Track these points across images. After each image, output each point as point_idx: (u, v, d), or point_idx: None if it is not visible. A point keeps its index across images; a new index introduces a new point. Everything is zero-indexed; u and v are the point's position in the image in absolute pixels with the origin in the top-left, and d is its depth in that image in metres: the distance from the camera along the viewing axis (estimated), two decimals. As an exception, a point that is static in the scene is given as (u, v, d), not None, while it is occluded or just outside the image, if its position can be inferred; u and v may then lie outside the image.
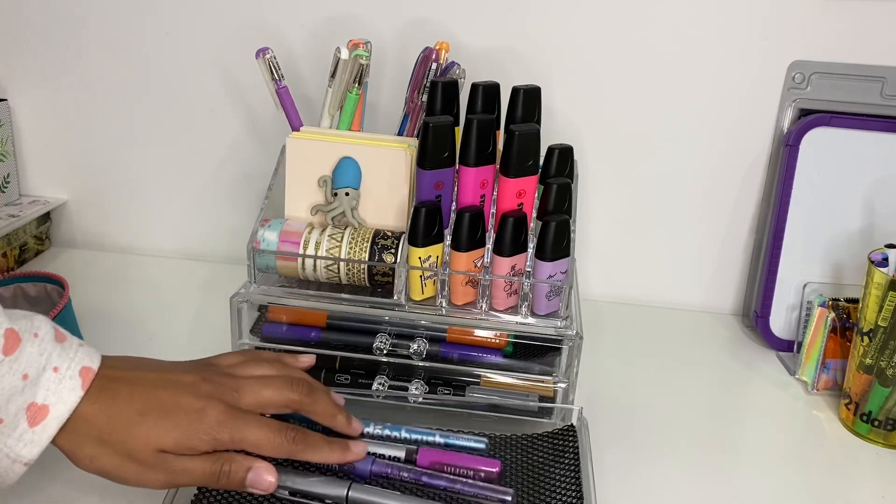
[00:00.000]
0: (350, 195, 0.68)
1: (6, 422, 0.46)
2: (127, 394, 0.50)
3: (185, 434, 0.49)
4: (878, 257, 0.68)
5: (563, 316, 0.64)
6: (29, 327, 0.48)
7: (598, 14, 0.81)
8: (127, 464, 0.49)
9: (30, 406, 0.46)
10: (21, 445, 0.46)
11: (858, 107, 0.80)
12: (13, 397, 0.46)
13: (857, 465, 0.66)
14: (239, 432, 0.50)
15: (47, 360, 0.48)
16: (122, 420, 0.49)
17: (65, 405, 0.47)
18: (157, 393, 0.51)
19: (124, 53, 0.89)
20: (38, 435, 0.47)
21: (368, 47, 0.70)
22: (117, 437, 0.48)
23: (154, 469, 0.49)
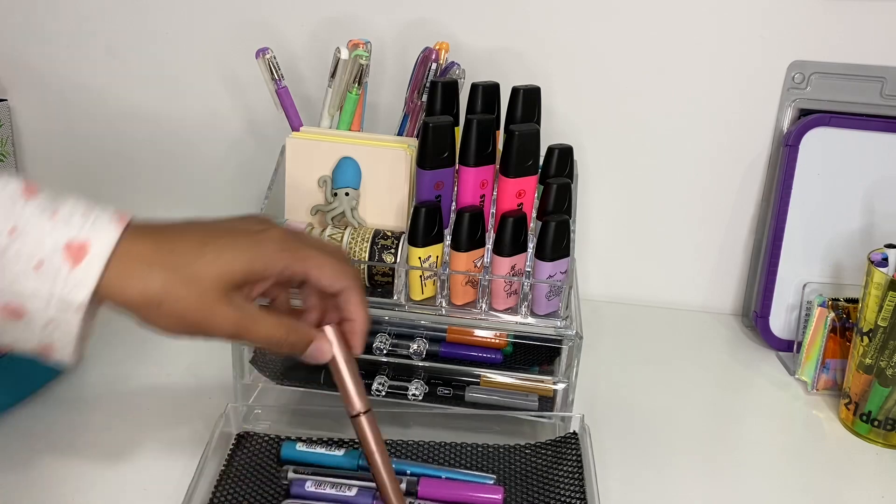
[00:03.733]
0: (350, 195, 0.68)
1: (46, 264, 0.42)
2: (176, 230, 0.46)
3: (251, 258, 0.45)
4: (877, 257, 0.68)
5: (562, 316, 0.64)
6: (52, 192, 0.45)
7: (598, 15, 0.81)
8: (194, 297, 0.44)
9: (67, 244, 0.42)
10: (69, 289, 0.42)
11: (858, 107, 0.80)
12: (44, 238, 0.42)
13: (856, 465, 0.66)
14: (302, 252, 0.47)
15: (74, 205, 0.44)
16: (183, 249, 0.45)
17: (106, 238, 0.43)
18: (213, 224, 0.48)
19: (124, 53, 0.89)
20: (82, 273, 0.42)
21: (368, 47, 0.70)
22: (182, 265, 0.44)
23: (223, 305, 0.44)
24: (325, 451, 0.59)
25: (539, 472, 0.59)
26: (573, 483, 0.57)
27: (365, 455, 0.51)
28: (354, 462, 0.58)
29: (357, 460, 0.58)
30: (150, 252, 0.44)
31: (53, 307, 0.43)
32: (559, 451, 0.61)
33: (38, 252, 0.42)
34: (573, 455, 0.60)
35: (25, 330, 0.43)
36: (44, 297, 0.42)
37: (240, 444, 0.60)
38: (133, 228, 0.45)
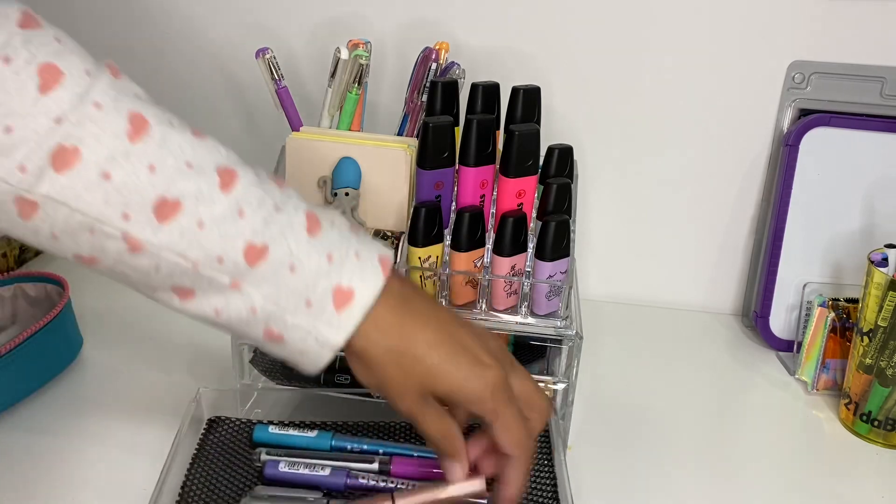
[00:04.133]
0: (350, 195, 0.68)
1: (313, 304, 0.46)
2: (424, 318, 0.48)
3: (460, 386, 0.47)
4: (877, 257, 0.68)
5: (562, 316, 0.64)
6: (325, 215, 0.48)
7: (599, 14, 0.81)
8: (399, 380, 0.47)
9: (336, 288, 0.46)
10: (328, 329, 0.46)
11: (858, 107, 0.80)
12: (320, 279, 0.45)
13: (856, 465, 0.67)
14: (502, 408, 0.48)
15: (349, 244, 0.47)
16: (414, 343, 0.47)
17: (369, 289, 0.46)
18: (452, 328, 0.49)
19: (124, 53, 0.89)
20: (343, 319, 0.46)
21: (368, 47, 0.70)
22: (407, 354, 0.47)
23: (414, 398, 0.47)
24: (298, 433, 0.59)
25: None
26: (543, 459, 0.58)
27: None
28: (327, 443, 0.58)
29: (330, 441, 0.58)
30: (391, 327, 0.47)
31: (311, 341, 0.46)
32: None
33: (310, 292, 0.46)
34: (543, 444, 0.60)
35: (279, 349, 0.48)
36: (305, 330, 0.46)
37: (211, 428, 0.61)
38: (390, 282, 0.47)
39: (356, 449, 0.58)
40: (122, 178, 0.42)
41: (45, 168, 0.41)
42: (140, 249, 0.43)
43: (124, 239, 0.43)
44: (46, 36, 0.44)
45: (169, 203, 0.43)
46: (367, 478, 0.55)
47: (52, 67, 0.42)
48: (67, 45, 0.44)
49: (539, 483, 0.57)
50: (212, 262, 0.44)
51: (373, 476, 0.55)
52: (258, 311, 0.46)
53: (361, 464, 0.56)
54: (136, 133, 0.43)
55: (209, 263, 0.44)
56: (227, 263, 0.44)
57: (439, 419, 0.49)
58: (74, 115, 0.42)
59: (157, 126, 0.43)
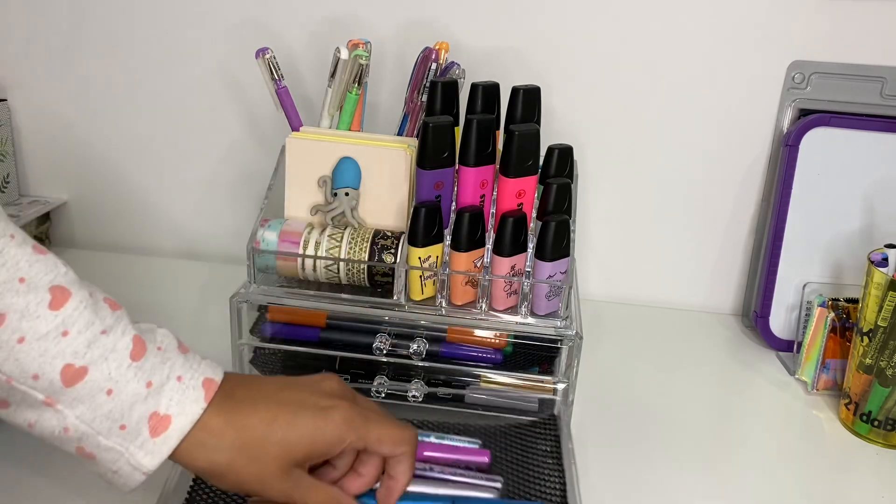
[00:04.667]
0: (350, 195, 0.68)
1: (129, 428, 0.46)
2: (251, 404, 0.49)
3: (315, 439, 0.48)
4: (877, 257, 0.68)
5: (562, 316, 0.64)
6: (153, 338, 0.48)
7: (598, 14, 0.81)
8: (255, 471, 0.47)
9: (152, 415, 0.46)
10: (142, 454, 0.46)
11: (858, 107, 0.80)
12: (136, 405, 0.46)
13: (856, 465, 0.66)
14: (364, 429, 0.49)
15: (171, 370, 0.47)
16: (252, 430, 0.48)
17: (187, 417, 0.46)
18: (284, 394, 0.50)
19: (124, 53, 0.89)
20: (158, 446, 0.46)
21: (368, 47, 0.70)
22: (249, 444, 0.47)
23: (281, 479, 0.48)
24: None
25: (520, 451, 0.60)
26: (552, 461, 0.59)
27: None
28: None
29: None
30: (221, 427, 0.47)
31: (122, 463, 0.46)
32: (538, 431, 0.62)
33: (125, 417, 0.45)
34: (552, 435, 0.61)
35: (91, 466, 0.47)
36: (117, 453, 0.46)
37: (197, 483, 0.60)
38: (216, 399, 0.48)
39: None
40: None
41: None
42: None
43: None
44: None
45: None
46: None
47: None
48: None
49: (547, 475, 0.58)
50: (26, 377, 0.44)
51: None
52: (70, 430, 0.45)
53: None
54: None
55: (23, 379, 0.44)
56: (43, 381, 0.44)
57: (317, 490, 0.50)
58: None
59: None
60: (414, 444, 0.52)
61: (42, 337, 0.44)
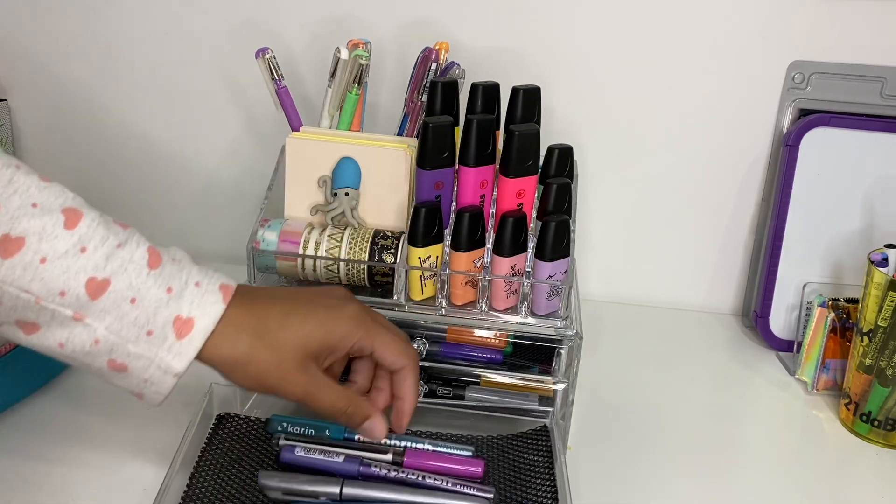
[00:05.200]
0: (350, 195, 0.68)
1: (155, 333, 0.48)
2: (267, 299, 0.52)
3: (328, 330, 0.52)
4: (877, 257, 0.68)
5: (562, 316, 0.64)
6: (167, 250, 0.51)
7: (598, 14, 0.81)
8: (275, 362, 0.50)
9: (176, 318, 0.48)
10: (171, 357, 0.48)
11: (858, 107, 0.80)
12: (159, 309, 0.48)
13: (856, 465, 0.67)
14: (372, 329, 0.53)
15: (188, 276, 0.50)
16: (270, 320, 0.51)
17: (209, 317, 0.49)
18: (298, 294, 0.54)
19: (124, 53, 0.89)
20: (185, 346, 0.48)
21: (368, 47, 0.70)
22: (267, 333, 0.50)
23: (298, 372, 0.50)
24: (312, 420, 0.60)
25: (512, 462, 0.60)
26: (545, 472, 0.59)
27: None
28: (341, 434, 0.59)
29: (343, 433, 0.59)
30: (242, 318, 0.50)
31: (153, 369, 0.49)
32: (530, 442, 0.62)
33: (151, 322, 0.48)
34: (544, 447, 0.61)
35: (123, 380, 0.50)
36: (147, 359, 0.48)
37: (220, 423, 0.61)
38: (234, 300, 0.50)
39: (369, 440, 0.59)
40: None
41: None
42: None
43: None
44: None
45: (12, 240, 0.45)
46: (379, 467, 0.55)
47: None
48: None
49: (538, 486, 0.57)
50: (54, 295, 0.46)
51: (385, 466, 0.56)
52: (101, 342, 0.48)
53: (374, 454, 0.57)
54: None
55: (51, 297, 0.46)
56: (70, 297, 0.46)
57: (333, 390, 0.52)
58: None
59: (5, 169, 0.46)
60: (416, 360, 0.54)
61: (62, 255, 0.46)
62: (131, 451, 0.62)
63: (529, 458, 0.60)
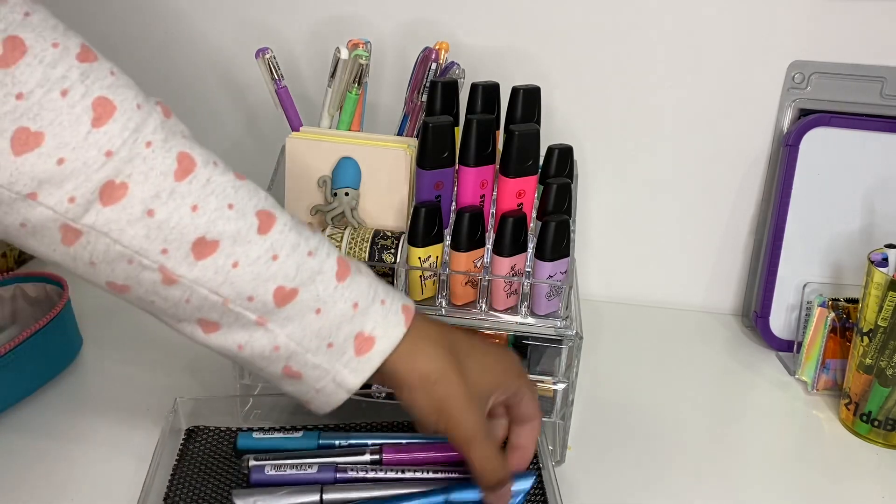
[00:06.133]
0: (350, 195, 0.68)
1: (335, 346, 0.48)
2: (451, 329, 0.51)
3: (504, 372, 0.51)
4: (877, 257, 0.68)
5: (562, 316, 0.64)
6: (354, 262, 0.50)
7: (598, 14, 0.81)
8: (464, 388, 0.48)
9: (357, 335, 0.48)
10: (347, 372, 0.48)
11: (858, 107, 0.80)
12: (343, 324, 0.47)
13: (857, 465, 0.67)
14: (524, 380, 0.53)
15: (375, 292, 0.49)
16: (460, 345, 0.50)
17: (389, 340, 0.48)
18: (470, 333, 0.53)
19: (124, 53, 0.89)
20: (363, 364, 0.48)
21: (368, 47, 0.70)
22: (460, 359, 0.49)
23: (477, 408, 0.49)
24: (283, 436, 0.59)
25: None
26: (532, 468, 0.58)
27: None
28: (314, 443, 0.58)
29: (317, 440, 0.58)
30: (436, 334, 0.50)
31: (328, 381, 0.48)
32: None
33: (333, 335, 0.48)
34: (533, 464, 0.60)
35: (294, 385, 0.49)
36: (323, 370, 0.48)
37: (190, 438, 0.60)
38: (414, 326, 0.50)
39: (344, 445, 0.58)
40: (166, 216, 0.43)
41: (93, 201, 0.42)
42: (174, 283, 0.45)
43: (160, 271, 0.44)
44: (102, 69, 0.45)
45: (207, 242, 0.44)
46: (356, 470, 0.55)
47: (106, 101, 0.43)
48: (121, 79, 0.45)
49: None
50: (242, 300, 0.46)
51: (363, 467, 0.55)
52: (281, 349, 0.47)
53: (352, 457, 0.56)
54: (183, 173, 0.44)
55: (239, 301, 0.46)
56: (257, 302, 0.46)
57: (494, 443, 0.51)
58: (125, 150, 0.43)
59: (203, 167, 0.45)
60: (540, 414, 0.54)
61: (254, 261, 0.45)
62: (126, 455, 0.61)
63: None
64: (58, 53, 0.43)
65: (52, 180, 0.42)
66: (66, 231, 0.43)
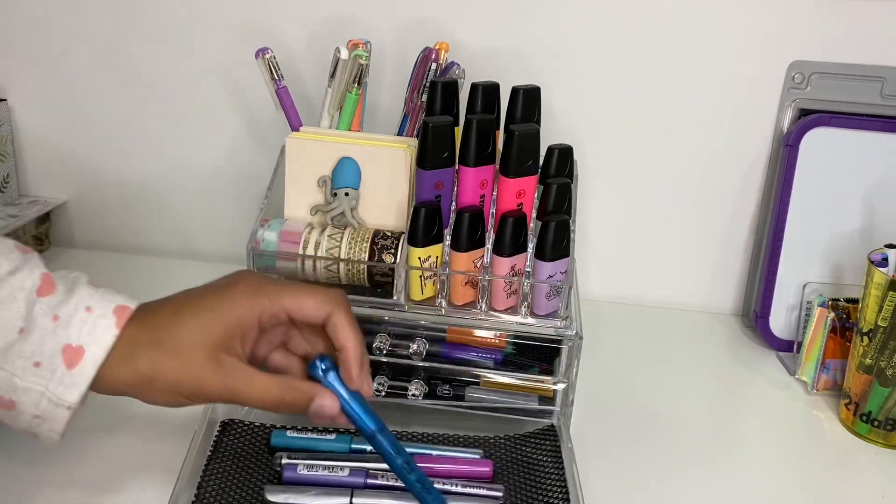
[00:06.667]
0: (350, 195, 0.68)
1: (44, 365, 0.45)
2: (159, 306, 0.48)
3: (225, 313, 0.46)
4: (877, 257, 0.68)
5: (562, 316, 0.64)
6: (64, 276, 0.47)
7: (598, 14, 0.81)
8: (181, 364, 0.45)
9: (65, 348, 0.45)
10: (62, 388, 0.45)
11: (858, 107, 0.80)
12: (45, 339, 0.45)
13: (857, 465, 0.67)
14: (275, 292, 0.47)
15: (78, 301, 0.46)
16: (162, 326, 0.46)
17: (100, 345, 0.45)
18: (189, 291, 0.49)
19: (124, 53, 0.89)
20: (76, 377, 0.45)
21: (368, 47, 0.70)
22: (163, 338, 0.46)
23: (212, 367, 0.46)
24: (316, 437, 0.59)
25: (522, 462, 0.60)
26: (554, 472, 0.59)
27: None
28: (346, 446, 0.58)
29: (349, 444, 0.58)
30: (136, 334, 0.46)
31: (45, 403, 0.45)
32: (538, 442, 0.62)
33: (38, 353, 0.44)
34: (552, 446, 0.61)
35: (14, 418, 0.46)
36: (37, 392, 0.45)
37: (225, 430, 0.61)
38: (132, 317, 0.46)
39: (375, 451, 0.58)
40: None
41: None
42: None
43: None
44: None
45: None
46: (386, 477, 0.55)
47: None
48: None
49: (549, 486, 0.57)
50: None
51: (393, 475, 0.55)
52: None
53: (382, 464, 0.56)
54: None
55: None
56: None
57: (260, 378, 0.47)
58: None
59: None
60: (342, 301, 0.48)
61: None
62: (134, 459, 0.61)
63: (538, 458, 0.60)
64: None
65: None
66: None
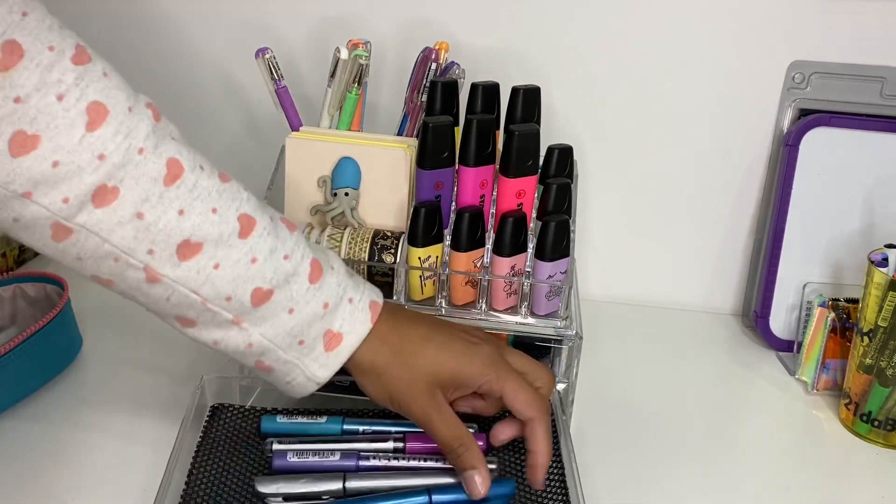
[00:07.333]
0: (350, 195, 0.68)
1: (306, 343, 0.51)
2: (411, 321, 0.55)
3: (461, 365, 0.53)
4: (878, 257, 0.68)
5: (562, 316, 0.64)
6: (326, 260, 0.53)
7: (598, 14, 0.81)
8: (406, 380, 0.52)
9: (327, 332, 0.52)
10: (317, 366, 0.52)
11: (858, 107, 0.80)
12: (314, 323, 0.51)
13: (857, 465, 0.67)
14: (504, 373, 0.53)
15: (343, 292, 0.52)
16: (410, 341, 0.53)
17: (356, 335, 0.52)
18: (439, 324, 0.56)
19: (123, 53, 0.89)
20: (331, 359, 0.52)
21: (368, 47, 0.70)
22: (407, 352, 0.53)
23: (425, 395, 0.52)
24: (307, 421, 0.59)
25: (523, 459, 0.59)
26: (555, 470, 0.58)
27: None
28: (338, 427, 0.59)
29: (340, 425, 0.59)
30: (387, 333, 0.53)
31: (298, 374, 0.52)
32: None
33: (304, 333, 0.51)
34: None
35: (268, 377, 0.53)
36: (294, 365, 0.52)
37: (214, 415, 0.61)
38: (381, 319, 0.53)
39: (368, 431, 0.58)
40: (154, 219, 0.46)
41: (86, 202, 0.44)
42: (157, 281, 0.47)
43: (145, 270, 0.47)
44: (95, 71, 0.47)
45: (192, 244, 0.47)
46: (379, 458, 0.55)
47: (99, 105, 0.45)
48: (113, 80, 0.47)
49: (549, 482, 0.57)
50: (220, 299, 0.49)
51: (386, 455, 0.55)
52: (254, 346, 0.51)
53: (375, 444, 0.57)
54: (172, 179, 0.47)
55: (217, 301, 0.49)
56: (234, 302, 0.49)
57: (451, 422, 0.52)
58: (118, 155, 0.45)
59: (190, 173, 0.48)
60: (545, 411, 0.54)
61: (234, 264, 0.48)
62: (130, 450, 0.62)
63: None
64: (53, 56, 0.45)
65: (47, 182, 0.43)
66: (58, 228, 0.45)
